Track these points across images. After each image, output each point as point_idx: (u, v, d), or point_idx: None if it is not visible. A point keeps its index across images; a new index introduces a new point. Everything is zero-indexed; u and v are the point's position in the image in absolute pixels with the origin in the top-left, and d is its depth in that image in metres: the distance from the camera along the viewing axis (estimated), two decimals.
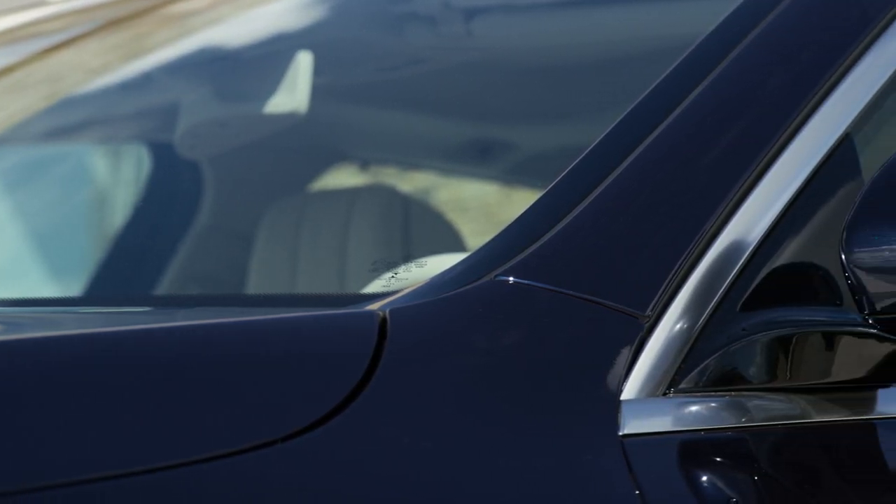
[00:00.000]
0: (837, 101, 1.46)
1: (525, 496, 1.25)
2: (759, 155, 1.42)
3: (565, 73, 2.42)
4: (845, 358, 1.38)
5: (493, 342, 1.31)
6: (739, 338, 1.36)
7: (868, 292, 1.32)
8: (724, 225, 1.39)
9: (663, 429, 1.32)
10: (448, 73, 2.46)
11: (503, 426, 1.27)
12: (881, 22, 1.51)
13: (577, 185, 1.42)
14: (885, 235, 1.32)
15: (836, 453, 1.38)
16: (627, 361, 1.32)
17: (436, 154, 2.68)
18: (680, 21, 2.15)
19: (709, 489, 1.31)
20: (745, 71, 1.48)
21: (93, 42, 2.40)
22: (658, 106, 1.47)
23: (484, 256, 1.38)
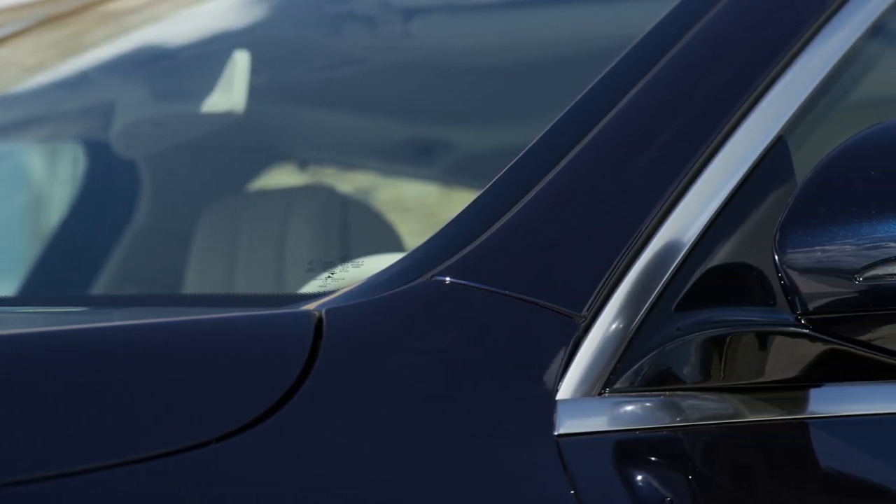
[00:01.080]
0: (771, 102, 1.48)
1: (460, 496, 1.25)
2: (694, 156, 1.43)
3: (504, 73, 2.43)
4: (778, 358, 1.39)
5: (429, 342, 1.31)
6: (674, 338, 1.37)
7: (801, 293, 1.34)
8: (659, 226, 1.40)
9: (598, 428, 1.33)
10: (387, 73, 2.46)
11: (439, 426, 1.27)
12: (815, 24, 1.53)
13: (514, 185, 1.42)
14: (818, 236, 1.33)
15: (769, 452, 1.39)
16: (563, 361, 1.32)
17: (375, 154, 2.68)
18: (616, 22, 2.16)
19: (644, 488, 1.31)
20: (681, 73, 1.49)
21: (29, 40, 2.38)
22: (594, 107, 1.48)
23: (420, 257, 1.38)
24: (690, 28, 1.52)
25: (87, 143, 2.50)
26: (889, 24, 1.61)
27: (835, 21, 1.54)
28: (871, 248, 1.31)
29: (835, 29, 1.54)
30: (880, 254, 1.31)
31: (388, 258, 1.47)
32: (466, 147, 2.60)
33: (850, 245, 1.32)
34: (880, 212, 1.31)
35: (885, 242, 1.31)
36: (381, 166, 2.82)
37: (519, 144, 1.48)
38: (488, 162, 1.53)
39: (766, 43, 1.51)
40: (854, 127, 1.40)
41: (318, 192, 2.56)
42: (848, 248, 1.32)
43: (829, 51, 1.52)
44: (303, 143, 2.59)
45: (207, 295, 2.24)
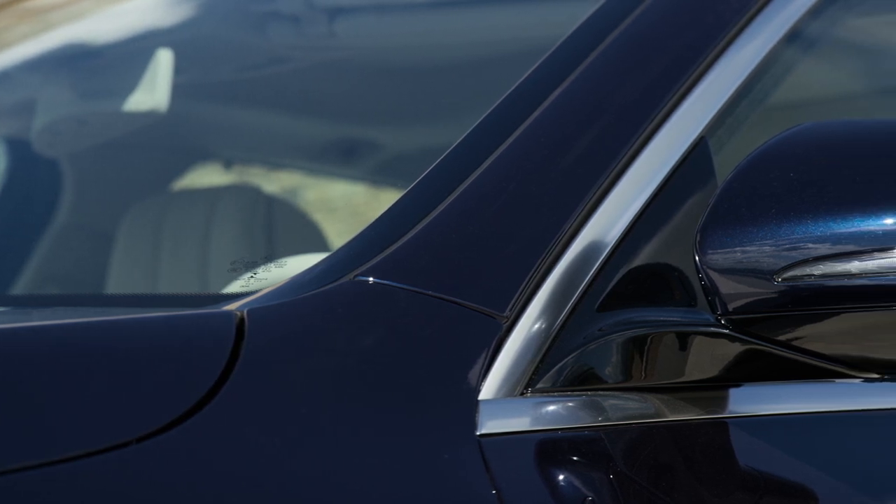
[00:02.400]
0: (693, 105, 1.49)
1: (382, 496, 1.25)
2: (616, 158, 1.44)
3: (429, 73, 2.43)
4: (698, 358, 1.40)
5: (352, 342, 1.31)
6: (596, 338, 1.38)
7: (721, 293, 1.35)
8: (581, 227, 1.40)
9: (521, 428, 1.33)
10: (312, 73, 2.45)
11: (361, 426, 1.27)
12: (735, 27, 1.54)
13: (437, 186, 1.43)
14: (738, 237, 1.34)
15: (689, 451, 1.40)
16: (486, 361, 1.32)
17: (302, 154, 2.67)
18: (540, 24, 2.17)
19: (566, 488, 1.32)
20: (603, 75, 1.50)
21: None
22: (517, 108, 1.48)
23: (344, 257, 1.38)
24: (612, 30, 1.53)
25: (9, 142, 2.48)
26: (807, 28, 1.63)
27: (755, 24, 1.55)
28: (790, 249, 1.33)
29: (755, 32, 1.55)
30: (798, 255, 1.33)
31: (312, 258, 1.47)
32: (393, 147, 2.60)
33: (769, 246, 1.33)
34: (798, 213, 1.33)
35: (804, 243, 1.32)
36: (307, 166, 2.82)
37: (446, 145, 1.48)
38: (416, 162, 1.54)
39: (687, 45, 1.52)
40: (773, 129, 1.41)
41: (242, 191, 2.55)
42: (767, 248, 1.33)
43: (750, 54, 1.54)
44: (227, 142, 2.58)
45: (130, 295, 2.22)
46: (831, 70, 1.99)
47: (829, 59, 1.91)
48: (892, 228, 1.30)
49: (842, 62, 1.98)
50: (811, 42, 1.67)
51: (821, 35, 1.68)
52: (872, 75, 2.08)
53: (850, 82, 2.08)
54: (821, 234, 1.32)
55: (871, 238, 1.30)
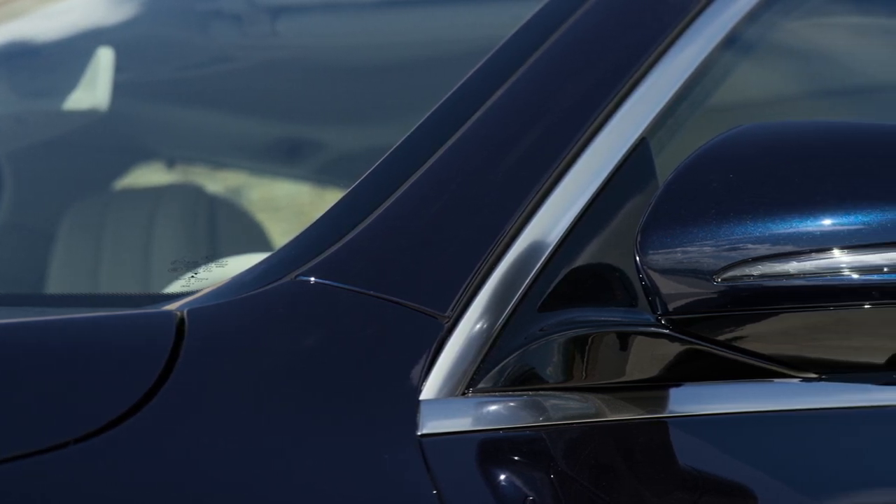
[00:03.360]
0: (634, 106, 1.49)
1: (323, 496, 1.25)
2: (557, 158, 1.44)
3: (373, 73, 2.43)
4: (639, 357, 1.41)
5: (292, 342, 1.31)
6: (537, 338, 1.38)
7: (661, 293, 1.35)
8: (523, 227, 1.41)
9: (462, 428, 1.33)
10: (255, 72, 2.45)
11: (302, 426, 1.27)
12: (676, 28, 1.55)
13: (379, 186, 1.43)
14: (678, 238, 1.35)
15: (630, 451, 1.40)
16: (427, 361, 1.32)
17: (246, 153, 2.66)
18: (482, 24, 2.17)
19: (507, 488, 1.32)
20: (545, 75, 1.50)
21: None
22: (459, 108, 1.49)
23: (285, 256, 1.38)
24: (554, 32, 1.53)
25: None
26: (746, 31, 1.64)
27: (695, 27, 1.56)
28: (730, 249, 1.33)
29: (695, 35, 1.56)
30: (738, 255, 1.33)
31: (254, 258, 1.46)
32: (338, 146, 2.60)
33: (708, 246, 1.34)
34: (738, 214, 1.33)
35: (743, 244, 1.33)
36: (251, 165, 2.81)
37: (390, 144, 1.48)
38: (361, 161, 1.54)
39: (628, 47, 1.53)
40: (713, 130, 1.42)
41: (185, 191, 2.54)
42: (707, 249, 1.34)
43: (690, 56, 1.55)
44: (170, 141, 2.57)
45: (70, 295, 2.21)
46: (770, 72, 2.00)
47: (767, 61, 1.92)
48: (829, 229, 1.31)
49: (780, 65, 1.99)
50: (750, 45, 1.68)
51: (760, 38, 1.69)
52: (809, 78, 2.09)
53: (789, 84, 2.10)
54: (760, 234, 1.32)
55: (809, 239, 1.31)
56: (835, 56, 2.03)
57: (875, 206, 1.31)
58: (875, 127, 1.37)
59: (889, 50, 2.08)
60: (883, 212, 1.31)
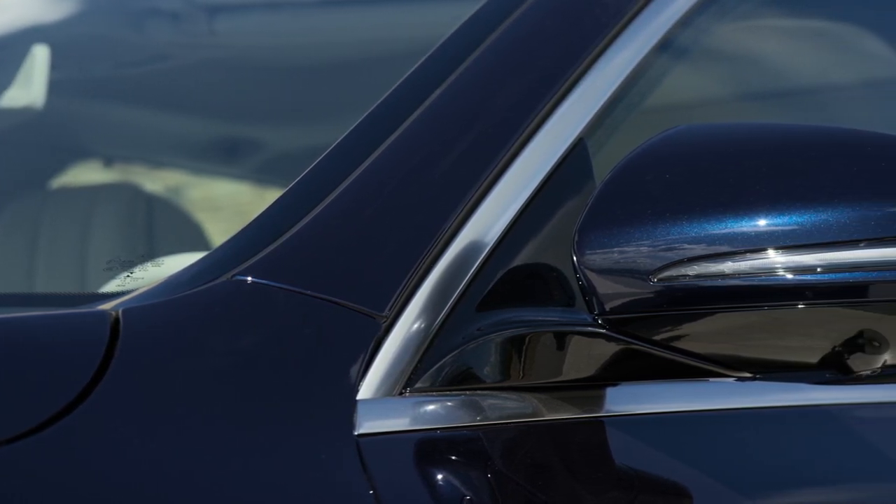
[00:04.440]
0: (571, 107, 1.50)
1: (259, 497, 1.24)
2: (495, 158, 1.45)
3: (312, 72, 2.43)
4: (576, 357, 1.41)
5: (228, 342, 1.30)
6: (475, 337, 1.38)
7: (598, 293, 1.35)
8: (461, 227, 1.41)
9: (399, 428, 1.33)
10: (193, 71, 2.43)
11: (238, 426, 1.27)
12: (613, 29, 1.55)
13: (316, 186, 1.42)
14: (615, 238, 1.35)
15: (566, 450, 1.41)
16: (364, 361, 1.32)
17: (186, 153, 2.65)
18: (421, 24, 2.17)
19: (444, 487, 1.32)
20: (482, 76, 1.51)
21: None
22: (397, 108, 1.48)
23: (221, 256, 1.37)
24: (492, 32, 1.54)
25: None
26: (682, 34, 1.65)
27: (631, 29, 1.57)
28: (666, 249, 1.34)
29: (632, 36, 1.57)
30: (674, 255, 1.34)
31: (190, 257, 1.45)
32: (280, 146, 2.59)
33: (645, 247, 1.34)
34: (674, 214, 1.34)
35: (679, 244, 1.34)
36: (191, 165, 2.79)
37: (331, 144, 1.48)
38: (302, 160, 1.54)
39: (565, 48, 1.53)
40: (650, 131, 1.43)
41: (122, 190, 2.53)
42: (643, 249, 1.34)
43: (627, 57, 1.55)
44: (107, 140, 2.55)
45: (4, 294, 2.19)
46: (706, 74, 2.02)
47: (704, 63, 1.93)
48: (764, 230, 1.32)
49: (716, 67, 2.01)
50: (686, 47, 1.69)
51: (695, 40, 1.70)
52: (744, 80, 2.11)
53: (723, 86, 2.11)
54: (695, 235, 1.33)
55: (743, 239, 1.32)
56: (768, 59, 2.05)
57: (808, 206, 1.32)
58: (808, 128, 1.38)
59: (819, 52, 2.10)
60: (816, 212, 1.32)
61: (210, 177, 2.92)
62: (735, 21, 1.82)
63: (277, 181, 2.64)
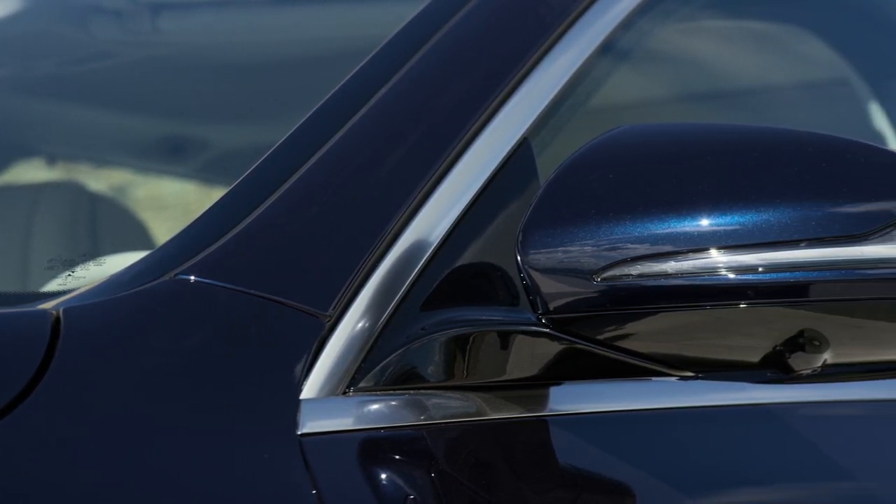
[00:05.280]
0: (515, 106, 1.50)
1: (200, 496, 1.24)
2: (440, 157, 1.45)
3: (258, 70, 2.42)
4: (520, 356, 1.42)
5: (171, 342, 1.30)
6: (419, 337, 1.38)
7: (542, 293, 1.36)
8: (405, 226, 1.41)
9: (343, 427, 1.33)
10: (138, 69, 2.42)
11: (180, 426, 1.26)
12: (557, 30, 1.56)
13: (260, 184, 1.42)
14: (559, 238, 1.35)
15: (510, 449, 1.41)
16: (308, 360, 1.32)
17: (132, 151, 2.64)
18: (366, 23, 2.17)
19: (387, 487, 1.32)
20: (427, 75, 1.51)
21: None
22: (342, 107, 1.48)
23: (164, 255, 1.37)
24: (437, 31, 1.54)
25: None
26: (626, 34, 1.65)
27: (576, 28, 1.57)
28: (609, 249, 1.34)
29: (576, 36, 1.57)
30: (617, 255, 1.34)
31: (133, 256, 1.45)
32: (226, 144, 2.58)
33: (589, 246, 1.35)
34: (617, 214, 1.34)
35: (622, 244, 1.34)
36: (136, 163, 2.78)
37: (276, 142, 1.48)
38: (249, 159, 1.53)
39: (510, 48, 1.54)
40: (594, 131, 1.43)
41: (66, 188, 2.51)
42: (587, 249, 1.34)
43: (571, 57, 1.56)
44: (51, 138, 2.53)
45: None
46: (650, 74, 2.03)
47: (648, 64, 1.94)
48: (706, 229, 1.33)
49: (660, 67, 2.01)
50: (630, 48, 1.70)
51: (639, 41, 1.71)
52: (686, 80, 2.12)
53: (667, 87, 2.12)
54: (639, 234, 1.34)
55: (686, 239, 1.33)
56: (711, 60, 2.06)
57: (750, 206, 1.33)
58: (750, 129, 1.39)
59: (760, 54, 2.11)
60: (758, 213, 1.32)
61: (155, 175, 2.90)
62: (678, 22, 1.83)
63: (223, 180, 2.63)
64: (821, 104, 2.20)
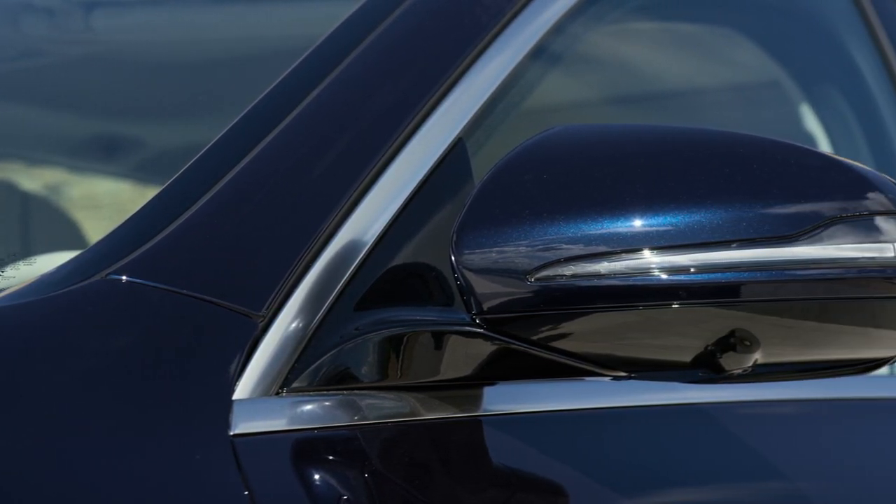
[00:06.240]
0: (450, 107, 1.50)
1: (132, 497, 1.23)
2: (374, 157, 1.45)
3: (192, 69, 2.41)
4: (454, 357, 1.42)
5: (103, 342, 1.29)
6: (353, 337, 1.38)
7: (476, 293, 1.36)
8: (339, 226, 1.40)
9: (276, 428, 1.33)
10: (71, 68, 2.40)
11: (111, 427, 1.25)
12: (493, 31, 1.56)
13: (193, 184, 1.41)
14: (493, 238, 1.35)
15: (444, 449, 1.41)
16: (241, 361, 1.31)
17: (66, 150, 2.62)
18: (301, 22, 2.17)
19: (321, 487, 1.31)
20: (362, 75, 1.50)
21: None
22: (276, 107, 1.48)
23: (95, 255, 1.36)
24: (372, 31, 1.54)
25: None
26: (562, 35, 1.66)
27: (511, 29, 1.58)
28: (543, 249, 1.34)
29: (511, 37, 1.58)
30: (551, 255, 1.34)
31: (64, 256, 1.43)
32: (161, 143, 2.57)
33: (522, 247, 1.35)
34: (551, 214, 1.35)
35: (556, 244, 1.34)
36: (70, 162, 2.76)
37: (211, 141, 1.47)
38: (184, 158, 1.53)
39: (445, 48, 1.54)
40: (528, 131, 1.43)
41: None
42: (521, 249, 1.35)
43: (507, 58, 1.56)
44: None
45: None
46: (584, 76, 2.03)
47: (582, 65, 1.95)
48: (639, 230, 1.33)
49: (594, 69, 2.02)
50: (564, 49, 1.70)
51: (572, 44, 1.71)
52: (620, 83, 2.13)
53: (601, 88, 2.13)
54: (572, 235, 1.34)
55: (619, 239, 1.33)
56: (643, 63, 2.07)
57: (682, 207, 1.33)
58: (682, 130, 1.40)
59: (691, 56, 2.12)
60: (690, 213, 1.33)
61: (90, 175, 2.88)
62: (611, 24, 1.84)
63: (158, 179, 2.61)
64: (752, 106, 2.21)
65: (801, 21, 2.14)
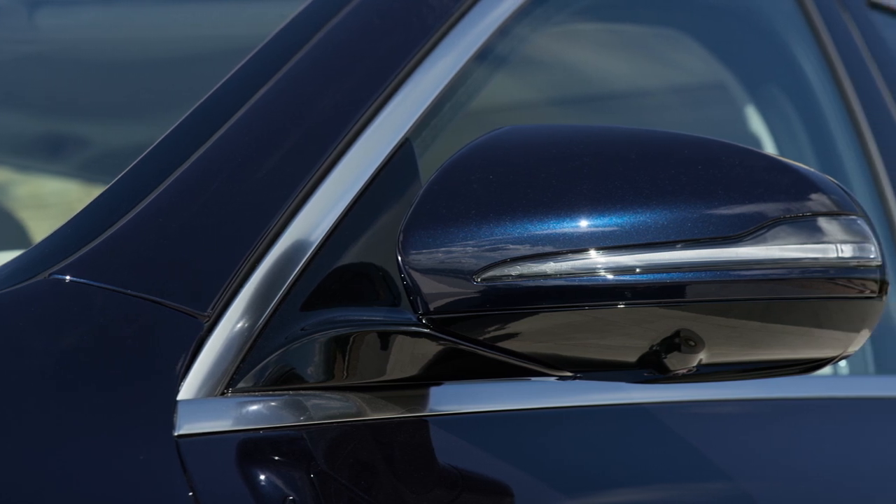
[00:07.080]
0: (397, 107, 1.50)
1: (75, 498, 1.22)
2: (321, 157, 1.44)
3: (138, 68, 2.40)
4: (400, 357, 1.42)
5: (46, 342, 1.28)
6: (299, 337, 1.38)
7: (422, 293, 1.36)
8: (285, 226, 1.40)
9: (221, 428, 1.32)
10: (16, 66, 2.39)
11: (55, 427, 1.24)
12: (439, 31, 1.56)
13: (138, 183, 1.41)
14: (439, 238, 1.36)
15: (390, 449, 1.41)
16: (185, 361, 1.31)
17: (11, 149, 2.60)
18: (248, 21, 2.16)
19: (266, 487, 1.31)
20: (308, 75, 1.50)
21: None
22: (222, 106, 1.47)
23: (39, 254, 1.35)
24: (318, 31, 1.53)
25: None
26: (509, 35, 1.66)
27: (458, 30, 1.58)
28: (489, 249, 1.35)
29: (458, 37, 1.58)
30: (497, 255, 1.35)
31: (8, 255, 1.42)
32: (108, 142, 2.55)
33: (469, 247, 1.35)
34: (497, 214, 1.35)
35: (503, 244, 1.35)
36: (16, 161, 2.74)
37: (155, 141, 1.46)
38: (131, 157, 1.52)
39: (392, 48, 1.54)
40: (475, 132, 1.44)
41: None
42: (467, 249, 1.35)
43: (453, 58, 1.56)
44: None
45: None
46: (530, 77, 2.04)
47: (530, 66, 1.95)
48: (585, 231, 1.34)
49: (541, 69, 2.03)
50: (510, 51, 1.70)
51: (519, 45, 1.71)
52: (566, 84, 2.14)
53: (548, 89, 2.14)
54: (518, 235, 1.34)
55: (564, 240, 1.34)
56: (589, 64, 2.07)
57: (627, 208, 1.34)
58: (627, 131, 1.40)
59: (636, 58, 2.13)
60: (634, 214, 1.34)
61: (36, 174, 2.86)
62: (557, 26, 1.84)
63: (105, 178, 2.60)
64: (697, 107, 2.23)
65: (745, 22, 2.16)
